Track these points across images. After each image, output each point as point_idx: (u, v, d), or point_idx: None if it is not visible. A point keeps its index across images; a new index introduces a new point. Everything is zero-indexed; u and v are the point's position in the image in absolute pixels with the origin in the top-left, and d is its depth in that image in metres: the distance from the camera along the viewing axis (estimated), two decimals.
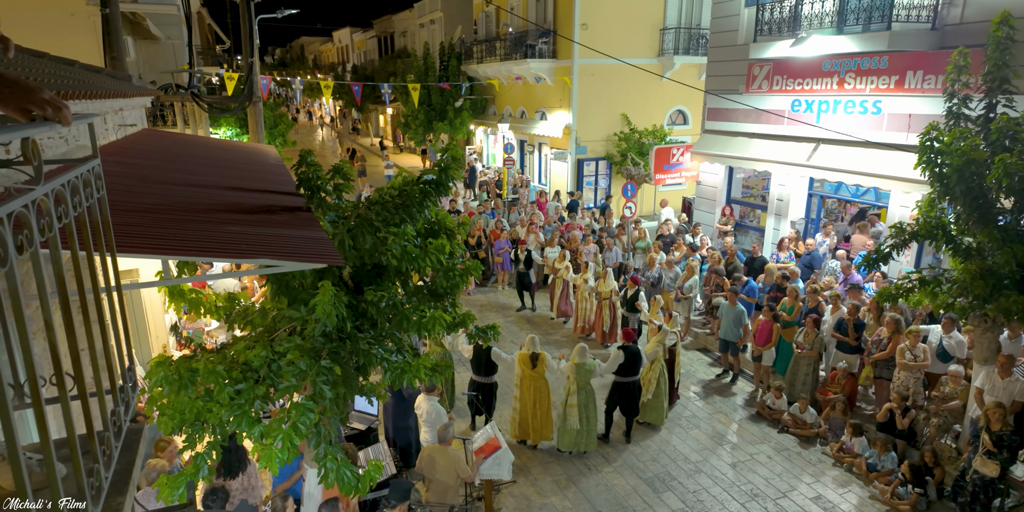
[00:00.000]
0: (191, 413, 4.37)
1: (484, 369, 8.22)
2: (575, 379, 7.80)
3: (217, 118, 17.99)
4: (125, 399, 1.48)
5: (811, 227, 12.85)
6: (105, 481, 1.27)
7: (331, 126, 56.78)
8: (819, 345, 8.73)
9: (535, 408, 7.96)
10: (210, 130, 16.61)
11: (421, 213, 5.05)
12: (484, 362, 8.18)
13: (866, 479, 7.44)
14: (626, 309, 10.92)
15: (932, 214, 6.86)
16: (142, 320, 7.73)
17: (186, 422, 4.41)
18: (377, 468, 4.97)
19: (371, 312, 4.82)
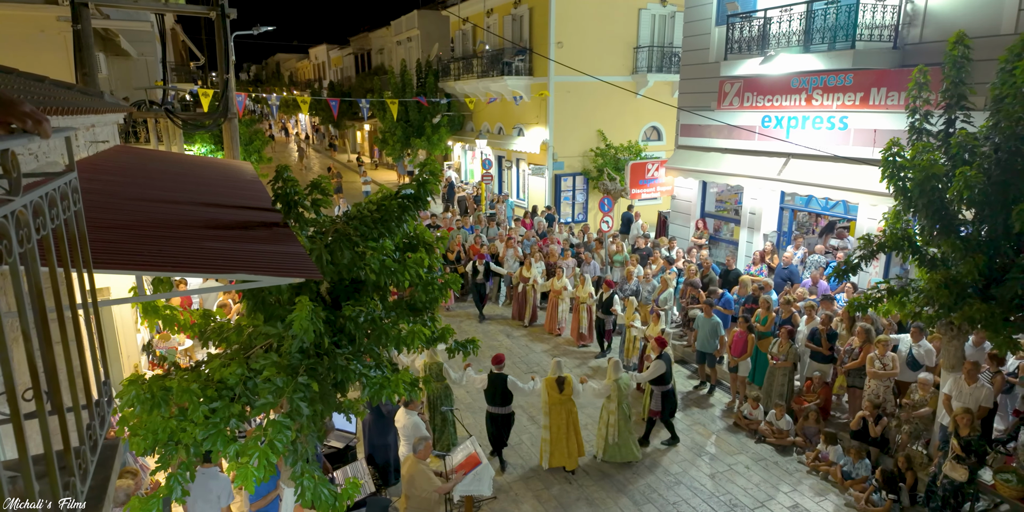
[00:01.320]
0: (164, 433, 4.29)
1: (500, 399, 7.84)
2: (616, 396, 7.86)
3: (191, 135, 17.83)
4: (101, 413, 1.47)
5: (783, 240, 13.09)
6: (81, 495, 1.26)
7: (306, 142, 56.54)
8: (793, 355, 8.86)
9: (568, 432, 7.80)
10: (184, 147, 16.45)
11: (399, 227, 5.06)
12: (500, 392, 7.81)
13: (841, 487, 7.53)
14: (601, 312, 11.26)
15: (898, 226, 7.05)
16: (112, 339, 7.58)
17: (159, 442, 4.32)
18: (355, 486, 4.92)
19: (349, 327, 4.79)
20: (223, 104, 10.14)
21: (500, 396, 7.81)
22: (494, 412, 7.94)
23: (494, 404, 7.90)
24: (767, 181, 12.32)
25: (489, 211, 20.14)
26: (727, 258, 12.40)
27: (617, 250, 14.24)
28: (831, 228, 13.46)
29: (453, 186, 24.55)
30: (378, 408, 7.52)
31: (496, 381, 7.81)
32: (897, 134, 7.31)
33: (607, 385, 7.92)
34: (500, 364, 7.87)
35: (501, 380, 7.79)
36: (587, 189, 20.95)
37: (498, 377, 7.81)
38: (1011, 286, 6.02)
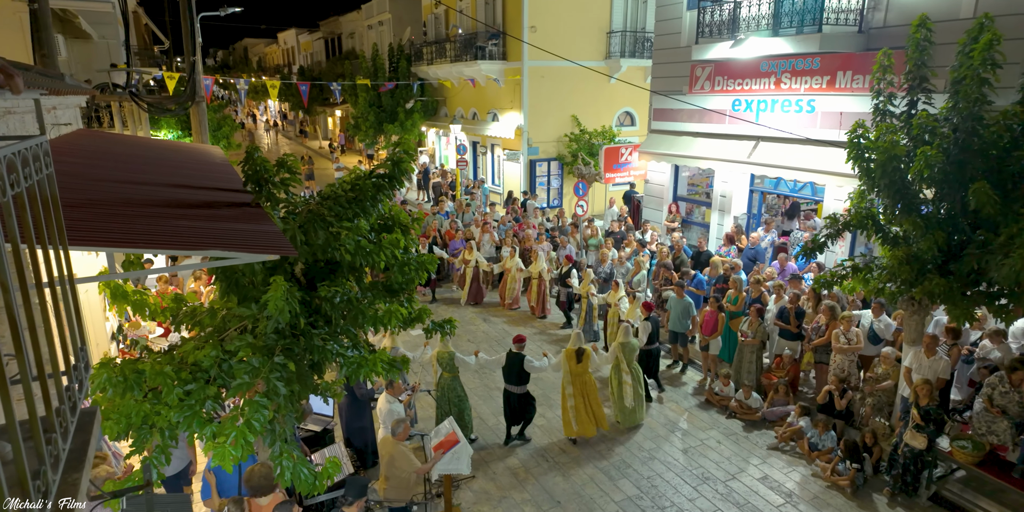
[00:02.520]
0: (138, 416, 4.27)
1: (516, 378, 8.02)
2: (624, 358, 8.23)
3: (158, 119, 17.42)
4: (79, 377, 1.48)
5: (753, 222, 13.32)
6: (63, 452, 1.27)
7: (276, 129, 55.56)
8: (763, 333, 9.08)
9: (588, 401, 8.11)
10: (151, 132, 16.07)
11: (374, 207, 5.05)
12: (517, 371, 7.98)
13: (808, 458, 7.79)
14: (560, 284, 12.11)
15: (862, 205, 7.24)
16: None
17: (133, 426, 4.30)
18: (335, 465, 4.95)
19: (325, 308, 4.80)
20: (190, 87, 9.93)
21: (517, 375, 7.98)
22: (512, 390, 8.11)
23: (511, 383, 8.08)
24: (737, 164, 12.50)
25: (465, 197, 20.09)
26: (699, 240, 12.60)
27: (592, 234, 14.37)
28: (796, 209, 13.73)
29: (428, 172, 24.40)
30: (352, 392, 7.54)
31: (514, 360, 7.99)
32: (862, 116, 7.48)
33: (613, 347, 8.34)
34: (520, 344, 8.03)
35: (519, 359, 7.96)
36: (562, 174, 21.01)
37: (516, 356, 7.98)
38: (968, 261, 6.24)
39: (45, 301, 1.30)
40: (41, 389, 1.34)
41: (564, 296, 12.19)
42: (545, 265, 12.48)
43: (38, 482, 1.15)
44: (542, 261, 12.54)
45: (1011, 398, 6.71)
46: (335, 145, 37.03)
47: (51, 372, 1.45)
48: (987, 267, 6.07)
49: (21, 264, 1.15)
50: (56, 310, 1.48)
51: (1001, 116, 6.32)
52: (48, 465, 1.18)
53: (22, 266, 1.15)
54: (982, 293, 6.47)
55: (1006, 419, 6.76)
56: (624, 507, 6.99)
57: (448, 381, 7.91)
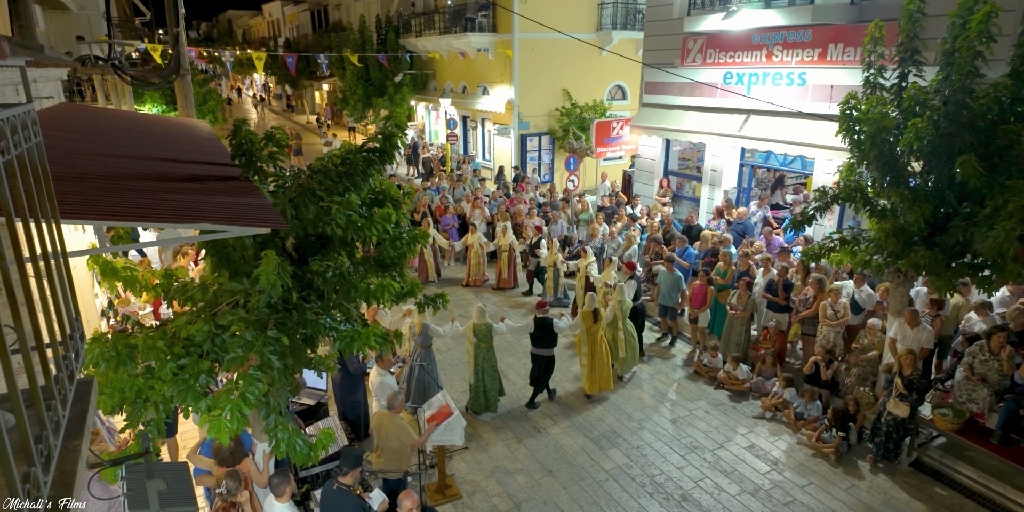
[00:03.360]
0: (131, 391, 4.29)
1: (546, 341, 8.41)
2: (621, 315, 8.84)
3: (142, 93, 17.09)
4: (75, 346, 1.49)
5: (743, 196, 13.36)
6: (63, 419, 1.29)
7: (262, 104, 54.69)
8: (751, 306, 9.19)
9: (604, 358, 8.66)
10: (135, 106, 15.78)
11: (365, 182, 5.02)
12: (547, 334, 8.38)
13: (794, 427, 7.97)
14: (531, 254, 12.47)
15: (851, 178, 7.28)
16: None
17: (126, 400, 4.33)
18: (329, 436, 5.02)
19: (317, 282, 4.80)
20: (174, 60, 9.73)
21: (548, 338, 8.40)
22: (539, 353, 8.48)
23: (540, 346, 8.45)
24: (728, 138, 12.48)
25: (456, 172, 19.98)
26: (689, 214, 12.64)
27: (583, 209, 14.36)
28: (780, 182, 13.78)
29: (417, 147, 24.19)
30: (345, 367, 7.60)
31: (543, 324, 8.37)
32: (853, 89, 7.46)
33: (612, 305, 8.83)
34: (544, 308, 8.43)
35: (547, 323, 8.37)
36: (553, 149, 20.89)
37: (543, 320, 8.36)
38: (954, 233, 6.32)
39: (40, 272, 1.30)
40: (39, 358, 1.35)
41: (534, 266, 12.59)
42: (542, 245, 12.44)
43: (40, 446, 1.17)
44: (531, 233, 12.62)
45: (990, 366, 6.87)
46: (323, 120, 36.55)
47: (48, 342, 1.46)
48: (972, 239, 6.15)
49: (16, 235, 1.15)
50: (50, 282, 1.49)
51: (991, 88, 6.33)
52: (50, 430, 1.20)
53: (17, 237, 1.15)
54: (966, 265, 6.57)
55: (985, 387, 6.93)
56: (614, 475, 7.15)
57: (484, 351, 8.18)
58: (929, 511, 6.54)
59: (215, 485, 5.38)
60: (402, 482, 6.27)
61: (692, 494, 6.85)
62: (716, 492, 6.87)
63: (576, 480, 7.10)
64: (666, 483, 7.03)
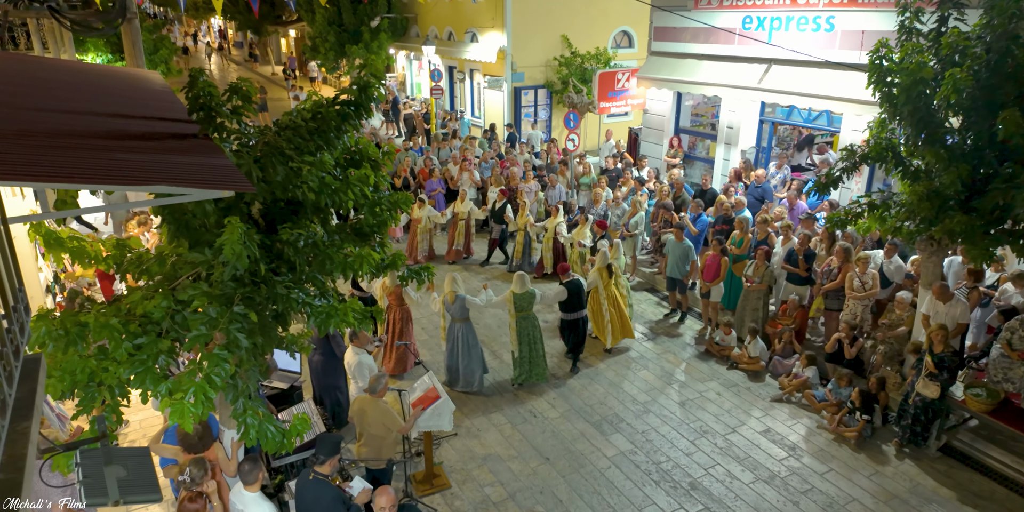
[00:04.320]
0: (83, 373, 4.30)
1: (580, 303, 8.99)
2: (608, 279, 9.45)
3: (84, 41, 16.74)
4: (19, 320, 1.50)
5: (762, 156, 13.34)
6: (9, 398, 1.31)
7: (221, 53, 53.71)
8: (769, 278, 9.26)
9: (619, 310, 9.48)
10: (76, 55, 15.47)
11: (339, 139, 4.98)
12: (579, 295, 8.92)
13: (815, 409, 8.12)
14: (494, 220, 12.69)
15: (882, 136, 7.27)
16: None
17: (78, 384, 4.34)
18: (304, 422, 5.08)
19: (288, 253, 4.80)
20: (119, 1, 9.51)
21: (578, 300, 8.97)
22: (574, 318, 9.05)
23: (573, 310, 8.99)
24: (746, 91, 12.39)
25: (441, 131, 19.81)
26: (703, 177, 12.62)
27: (584, 172, 14.30)
28: (810, 141, 13.73)
29: (397, 102, 23.91)
30: (330, 348, 7.64)
31: (573, 287, 8.83)
32: (886, 35, 7.38)
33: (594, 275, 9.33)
34: (567, 273, 8.91)
35: (577, 285, 8.89)
36: (550, 104, 20.70)
37: (572, 283, 8.83)
38: (993, 196, 6.35)
39: None
40: None
41: (497, 234, 12.75)
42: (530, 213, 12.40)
43: None
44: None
45: None
46: (289, 71, 35.99)
47: None
48: (1013, 203, 6.18)
49: None
50: None
51: None
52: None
53: None
54: (1006, 231, 6.62)
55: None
56: (617, 462, 7.30)
57: (530, 321, 8.54)
58: (957, 498, 6.74)
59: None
60: (386, 472, 6.38)
61: (702, 482, 7.01)
62: (728, 480, 7.03)
63: (576, 468, 7.24)
64: (673, 470, 7.18)
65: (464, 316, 8.47)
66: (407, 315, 9.06)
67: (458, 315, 8.44)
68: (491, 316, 10.59)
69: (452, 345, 8.56)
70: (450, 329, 8.56)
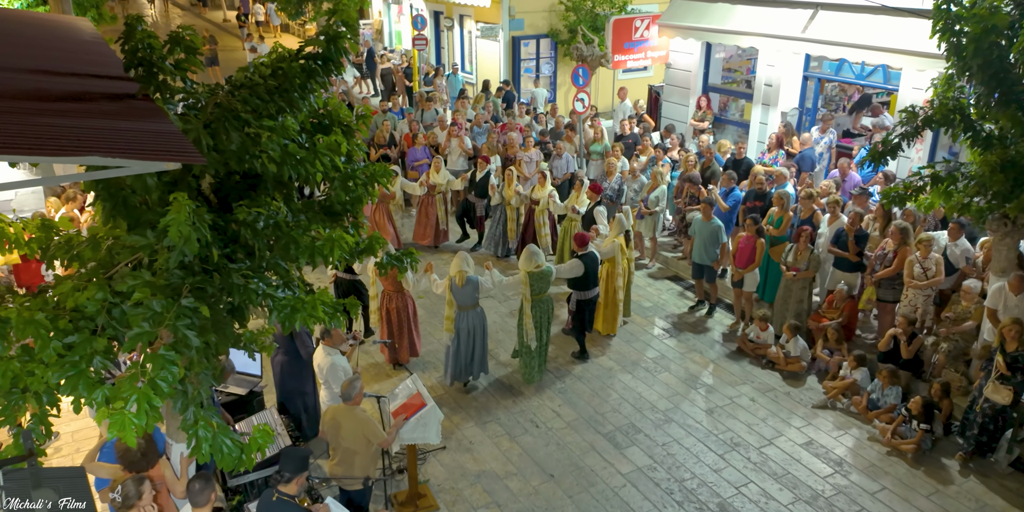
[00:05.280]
0: (4, 378, 4.30)
1: (594, 280, 9.26)
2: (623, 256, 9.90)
3: None
4: None
5: (806, 119, 13.30)
6: None
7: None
8: (814, 264, 9.27)
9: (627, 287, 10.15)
10: None
11: (305, 100, 4.95)
12: (594, 271, 9.18)
13: (865, 418, 8.17)
14: (474, 194, 12.82)
15: (949, 95, 7.24)
16: None
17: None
18: (266, 435, 5.09)
19: (245, 235, 4.79)
20: None
21: (595, 276, 9.25)
22: (587, 297, 9.30)
23: (586, 287, 9.21)
24: (788, 41, 12.32)
25: (425, 89, 19.69)
26: (737, 145, 12.57)
27: (595, 138, 14.23)
28: (866, 102, 13.67)
29: (373, 55, 23.74)
30: (294, 347, 7.65)
31: (590, 261, 9.05)
32: None
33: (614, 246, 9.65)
34: (585, 244, 9.06)
35: (594, 260, 9.15)
36: (555, 57, 20.58)
37: (589, 256, 9.04)
38: None
39: None
40: None
41: (482, 209, 12.91)
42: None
43: None
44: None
45: None
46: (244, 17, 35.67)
47: None
48: None
49: None
50: None
51: None
52: None
53: None
54: None
55: None
56: (633, 480, 7.36)
57: (545, 304, 8.74)
58: None
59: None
60: (363, 492, 6.41)
61: (732, 503, 7.06)
62: (763, 500, 7.09)
63: (585, 487, 7.29)
64: (699, 489, 7.23)
65: (474, 302, 8.53)
66: (408, 303, 9.09)
67: (468, 301, 8.47)
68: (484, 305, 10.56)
69: (461, 337, 8.55)
70: (458, 319, 8.54)
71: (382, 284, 9.00)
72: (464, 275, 8.33)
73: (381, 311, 9.07)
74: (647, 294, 11.22)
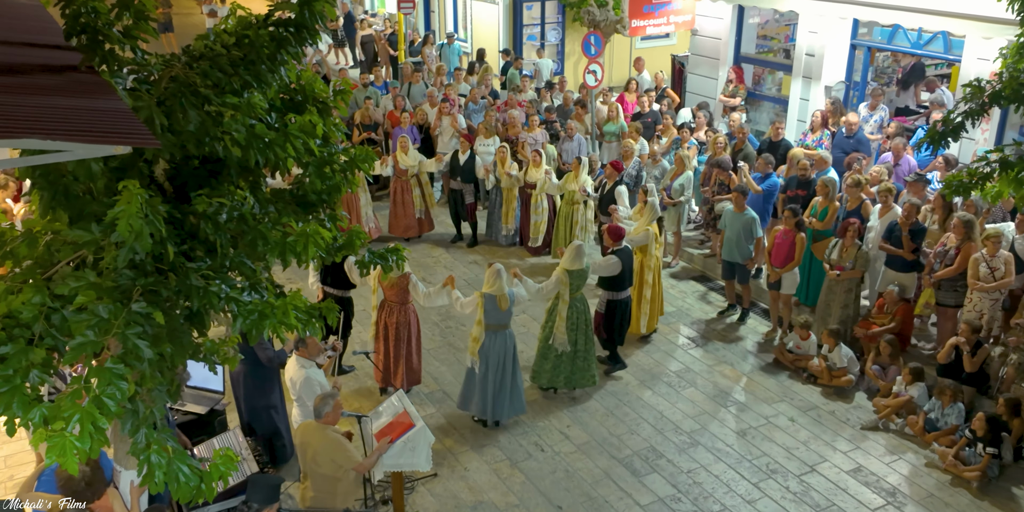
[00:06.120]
0: None
1: (631, 279, 9.38)
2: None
3: None
4: None
5: (854, 95, 13.28)
6: None
7: None
8: (862, 262, 9.25)
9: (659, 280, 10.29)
10: None
11: (274, 74, 4.93)
12: (631, 268, 9.30)
13: (923, 441, 8.16)
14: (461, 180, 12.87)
15: (1020, 67, 7.21)
16: None
17: None
18: (229, 460, 5.09)
19: (205, 230, 4.79)
20: None
21: (630, 273, 9.35)
22: (620, 298, 9.35)
23: (620, 288, 9.29)
24: (834, 4, 12.30)
25: (411, 59, 19.67)
26: (774, 124, 12.56)
27: (610, 116, 14.20)
28: (919, 74, 13.63)
29: (352, 20, 23.71)
30: (252, 355, 7.63)
31: (625, 256, 9.12)
32: None
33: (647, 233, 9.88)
34: (620, 239, 9.17)
35: (630, 255, 9.28)
36: (563, 22, 20.57)
37: (623, 252, 9.11)
38: None
39: None
40: None
41: (471, 197, 13.10)
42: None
43: None
44: None
45: None
46: None
47: None
48: None
49: None
50: None
51: None
52: None
53: None
54: None
55: None
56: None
57: (576, 305, 8.79)
58: None
59: None
60: None
61: None
62: None
63: None
64: None
65: (509, 321, 8.36)
66: (411, 318, 8.85)
67: (504, 320, 8.27)
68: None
69: (490, 365, 8.23)
70: (487, 342, 8.22)
71: (384, 293, 8.77)
72: (507, 298, 8.11)
73: (379, 325, 8.84)
74: (670, 297, 11.18)
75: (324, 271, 8.93)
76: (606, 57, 16.22)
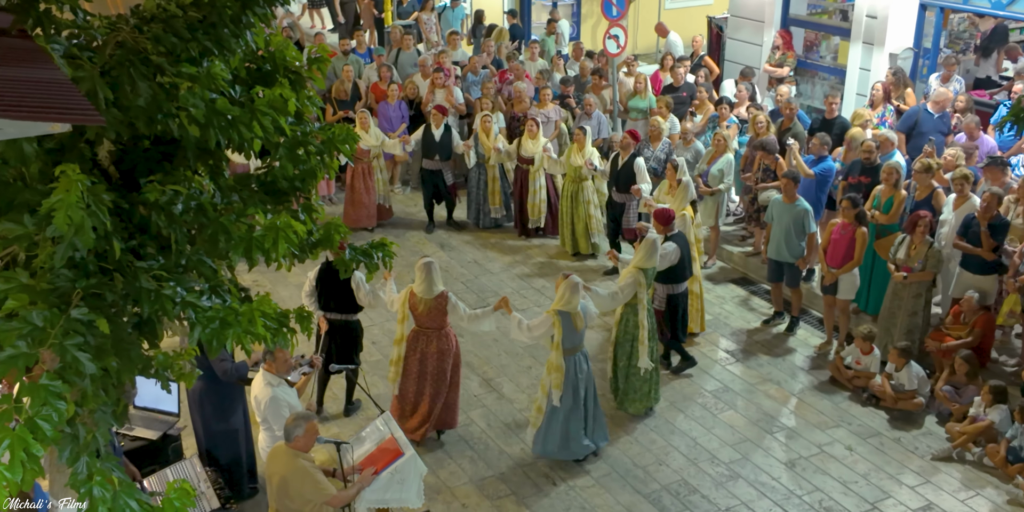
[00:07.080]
0: None
1: (689, 270, 9.72)
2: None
3: None
4: None
5: (924, 63, 13.24)
6: None
7: None
8: (934, 263, 9.24)
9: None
10: None
11: (239, 39, 4.94)
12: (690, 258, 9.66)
13: (1006, 474, 8.14)
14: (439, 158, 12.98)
15: None
16: None
17: None
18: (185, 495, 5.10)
19: (157, 223, 4.80)
20: None
21: (689, 262, 9.69)
22: (678, 291, 9.67)
23: (680, 278, 9.60)
24: None
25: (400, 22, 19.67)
26: (828, 99, 12.55)
27: (636, 89, 14.18)
28: (1001, 39, 13.59)
29: None
30: (209, 370, 7.64)
31: (682, 242, 9.44)
32: None
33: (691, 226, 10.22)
34: (671, 223, 9.36)
35: (685, 241, 9.54)
36: None
37: (679, 237, 9.41)
38: None
39: None
40: None
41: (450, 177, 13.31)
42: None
43: None
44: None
45: None
46: None
47: None
48: None
49: None
50: None
51: None
52: None
53: None
54: None
55: None
56: None
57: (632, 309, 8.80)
58: None
59: None
60: None
61: None
62: None
63: None
64: None
65: (582, 342, 8.31)
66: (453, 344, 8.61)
67: (580, 340, 8.21)
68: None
69: (575, 395, 8.18)
70: (574, 370, 8.13)
71: (417, 320, 8.47)
72: (582, 316, 8.00)
73: (414, 357, 8.48)
74: (705, 303, 11.14)
75: (324, 295, 8.70)
76: (630, 19, 16.22)
